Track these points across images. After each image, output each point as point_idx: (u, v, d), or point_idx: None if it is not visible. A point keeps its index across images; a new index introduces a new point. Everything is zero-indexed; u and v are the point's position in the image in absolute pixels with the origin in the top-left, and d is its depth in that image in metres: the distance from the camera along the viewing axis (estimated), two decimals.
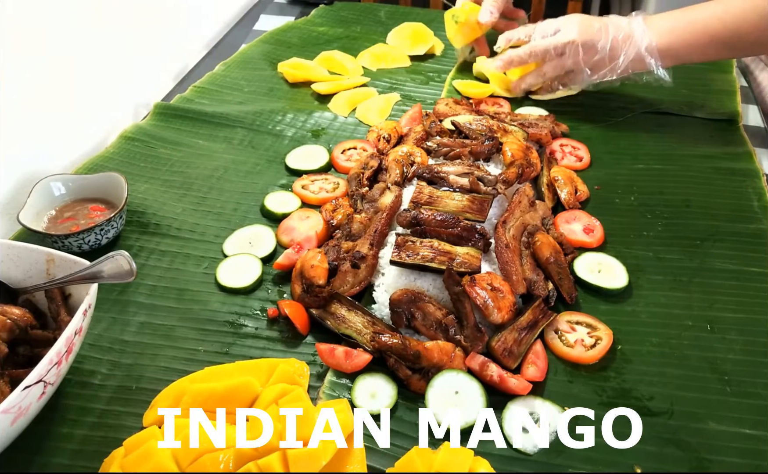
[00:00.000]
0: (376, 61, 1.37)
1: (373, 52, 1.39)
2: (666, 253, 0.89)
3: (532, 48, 1.13)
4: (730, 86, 1.26)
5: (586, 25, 1.10)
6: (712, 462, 0.66)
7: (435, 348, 0.73)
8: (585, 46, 1.09)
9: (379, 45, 1.42)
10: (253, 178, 1.05)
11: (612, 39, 1.08)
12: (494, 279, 0.78)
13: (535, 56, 1.14)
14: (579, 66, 1.11)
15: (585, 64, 1.11)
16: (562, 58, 1.12)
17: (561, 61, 1.12)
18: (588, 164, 1.07)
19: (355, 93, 1.25)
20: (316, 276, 0.81)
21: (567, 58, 1.11)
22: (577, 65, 1.11)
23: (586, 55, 1.10)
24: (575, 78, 1.15)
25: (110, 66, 1.16)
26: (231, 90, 1.27)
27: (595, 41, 1.09)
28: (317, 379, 0.74)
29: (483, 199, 0.86)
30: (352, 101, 1.23)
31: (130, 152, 1.09)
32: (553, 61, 1.13)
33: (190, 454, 0.61)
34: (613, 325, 0.79)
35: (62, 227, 0.89)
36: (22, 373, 0.62)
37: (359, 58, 1.38)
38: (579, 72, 1.13)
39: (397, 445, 0.67)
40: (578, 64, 1.11)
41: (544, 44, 1.12)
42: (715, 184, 1.01)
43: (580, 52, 1.10)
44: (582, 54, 1.10)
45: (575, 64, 1.12)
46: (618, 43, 1.08)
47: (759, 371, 0.74)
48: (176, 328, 0.80)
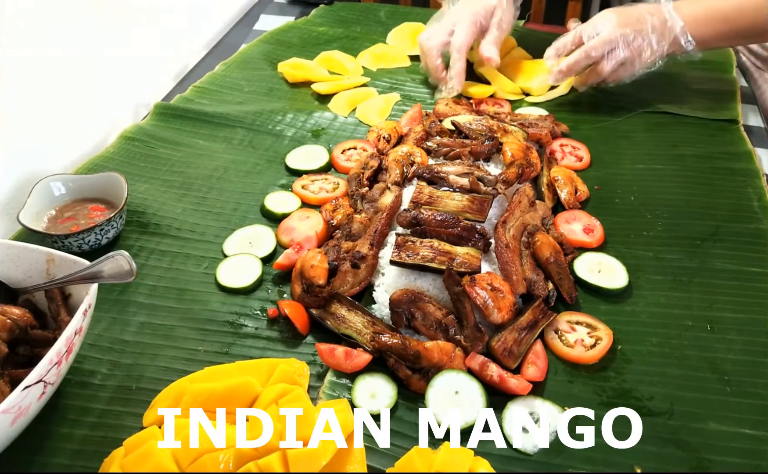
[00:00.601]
0: (376, 61, 1.37)
1: (373, 52, 1.39)
2: (666, 253, 0.89)
3: (587, 50, 1.14)
4: (730, 86, 1.26)
5: (625, 17, 1.13)
6: (712, 462, 0.66)
7: (435, 348, 0.73)
8: (635, 34, 1.12)
9: (379, 45, 1.42)
10: (253, 178, 1.05)
11: (650, 25, 1.12)
12: (494, 279, 0.78)
13: (590, 58, 1.15)
14: (632, 55, 1.13)
15: (635, 53, 1.13)
16: (615, 52, 1.13)
17: (615, 55, 1.14)
18: (588, 164, 1.07)
19: (356, 93, 1.25)
20: (316, 276, 0.81)
21: (620, 51, 1.13)
22: (630, 54, 1.13)
23: (636, 42, 1.12)
24: (626, 69, 1.16)
25: (110, 66, 1.16)
26: (231, 90, 1.27)
27: (639, 29, 1.12)
28: (317, 379, 0.74)
29: (483, 199, 0.86)
30: (352, 101, 1.23)
31: (130, 152, 1.09)
32: (607, 57, 1.14)
33: (190, 454, 0.61)
34: (613, 325, 0.79)
35: (62, 227, 0.89)
36: (22, 373, 0.62)
37: (359, 58, 1.38)
38: (631, 62, 1.14)
39: (397, 445, 0.67)
40: (631, 53, 1.13)
41: (598, 43, 1.13)
42: (715, 184, 1.01)
43: (631, 41, 1.12)
44: (633, 43, 1.12)
45: (630, 53, 1.13)
46: (657, 28, 1.12)
47: (759, 371, 0.74)
48: (176, 328, 0.80)
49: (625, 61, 1.14)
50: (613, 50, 1.13)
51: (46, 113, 1.02)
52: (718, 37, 1.13)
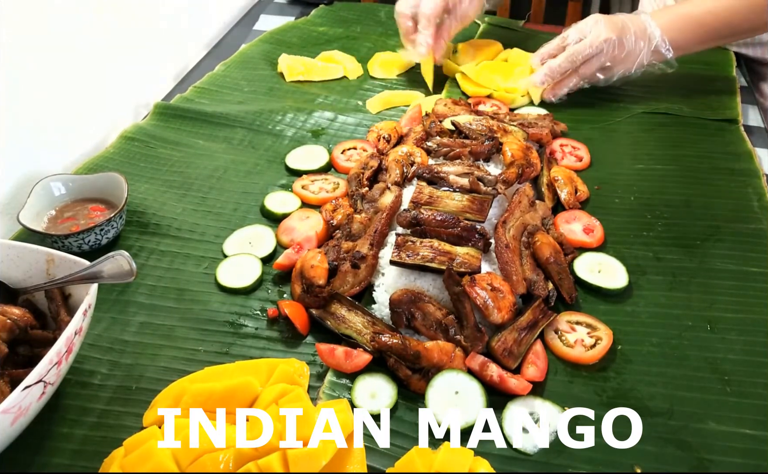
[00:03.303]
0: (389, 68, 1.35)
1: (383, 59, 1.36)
2: (666, 253, 0.89)
3: (572, 53, 1.16)
4: (730, 86, 1.26)
5: (612, 23, 1.15)
6: (712, 462, 0.66)
7: (435, 348, 0.73)
8: (619, 41, 1.14)
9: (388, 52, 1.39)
10: (253, 178, 1.05)
11: (633, 32, 1.14)
12: (494, 279, 0.78)
13: (574, 62, 1.17)
14: (615, 61, 1.16)
15: (617, 59, 1.15)
16: (599, 56, 1.15)
17: (598, 59, 1.16)
18: (588, 164, 1.07)
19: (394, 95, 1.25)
20: (316, 276, 0.81)
21: (603, 56, 1.15)
22: (613, 60, 1.16)
23: (619, 49, 1.15)
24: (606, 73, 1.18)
25: (110, 66, 1.16)
26: (231, 90, 1.27)
27: (623, 36, 1.14)
28: (317, 379, 0.74)
29: (483, 199, 0.86)
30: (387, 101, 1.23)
31: (130, 152, 1.09)
32: (590, 61, 1.16)
33: (190, 454, 0.61)
34: (613, 325, 0.79)
35: (62, 227, 0.89)
36: (22, 373, 0.62)
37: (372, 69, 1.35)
38: (613, 67, 1.16)
39: (397, 445, 0.67)
40: (614, 59, 1.15)
41: (583, 46, 1.15)
42: (715, 184, 1.01)
43: (615, 47, 1.14)
44: (616, 49, 1.14)
45: (612, 59, 1.15)
46: (639, 36, 1.14)
47: (759, 371, 0.74)
48: (176, 328, 0.80)
49: (607, 65, 1.16)
50: (598, 55, 1.15)
51: (46, 113, 1.02)
52: (696, 41, 1.16)
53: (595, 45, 1.14)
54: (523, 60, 1.30)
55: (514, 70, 1.27)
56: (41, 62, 1.00)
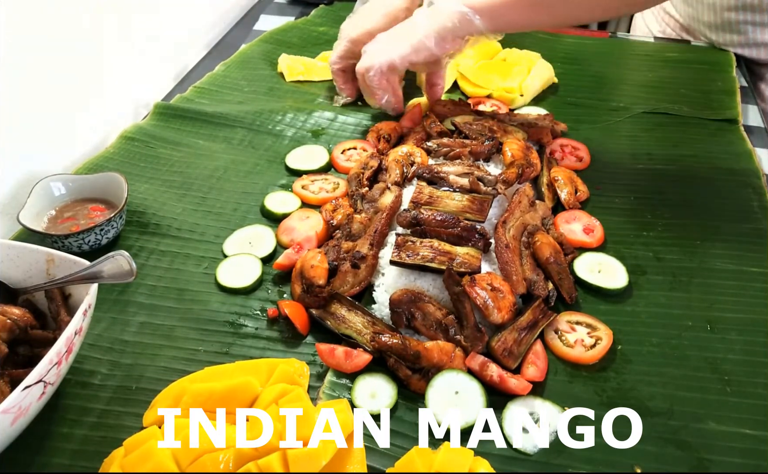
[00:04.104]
0: None
1: None
2: (666, 253, 0.89)
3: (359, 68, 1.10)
4: (730, 86, 1.26)
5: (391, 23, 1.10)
6: (712, 462, 0.66)
7: (435, 348, 0.73)
8: (396, 31, 1.07)
9: None
10: (253, 178, 1.05)
11: (416, 13, 1.05)
12: (494, 279, 0.78)
13: (360, 74, 1.10)
14: (429, 51, 1.03)
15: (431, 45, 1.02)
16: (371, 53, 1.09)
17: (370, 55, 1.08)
18: (588, 164, 1.07)
19: None
20: (316, 276, 0.81)
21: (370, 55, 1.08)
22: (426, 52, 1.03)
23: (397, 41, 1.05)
24: (436, 64, 1.08)
25: (110, 66, 1.16)
26: (231, 90, 1.27)
27: (399, 25, 1.07)
28: (317, 379, 0.74)
29: (483, 199, 0.86)
30: None
31: (130, 152, 1.09)
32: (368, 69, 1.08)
33: (190, 454, 0.61)
34: (613, 325, 0.79)
35: (62, 227, 0.89)
36: (22, 373, 0.62)
37: None
38: (435, 56, 1.04)
39: (397, 445, 0.67)
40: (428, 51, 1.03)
41: (364, 64, 1.09)
42: (715, 184, 1.01)
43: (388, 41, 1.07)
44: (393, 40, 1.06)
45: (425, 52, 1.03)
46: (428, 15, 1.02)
47: (759, 371, 0.74)
48: (176, 328, 0.80)
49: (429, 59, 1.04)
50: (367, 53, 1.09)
51: (46, 113, 1.02)
52: (509, 5, 0.98)
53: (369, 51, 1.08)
54: (522, 59, 1.30)
55: (512, 69, 1.27)
56: (41, 62, 0.99)
